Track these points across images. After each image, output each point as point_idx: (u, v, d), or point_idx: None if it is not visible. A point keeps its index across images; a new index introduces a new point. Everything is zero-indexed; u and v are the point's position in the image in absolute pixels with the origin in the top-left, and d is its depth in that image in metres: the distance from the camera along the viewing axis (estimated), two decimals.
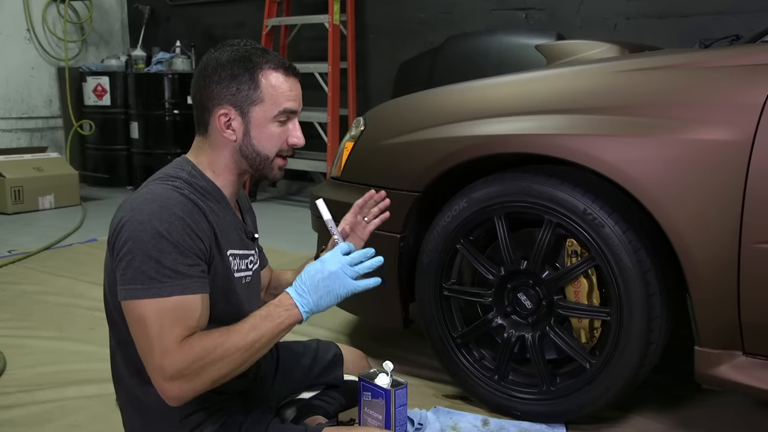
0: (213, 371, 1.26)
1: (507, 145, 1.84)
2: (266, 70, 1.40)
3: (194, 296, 1.28)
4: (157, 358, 1.24)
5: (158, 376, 1.25)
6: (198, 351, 1.24)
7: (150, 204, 1.29)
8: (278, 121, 1.42)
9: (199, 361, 1.24)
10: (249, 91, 1.39)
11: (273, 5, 5.35)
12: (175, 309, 1.25)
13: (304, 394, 1.74)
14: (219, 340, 1.26)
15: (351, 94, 5.15)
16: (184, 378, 1.24)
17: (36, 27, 6.04)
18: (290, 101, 1.42)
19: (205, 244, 1.32)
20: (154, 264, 1.25)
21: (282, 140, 1.44)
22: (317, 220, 2.33)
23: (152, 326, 1.24)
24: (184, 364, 1.23)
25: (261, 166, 1.44)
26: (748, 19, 3.63)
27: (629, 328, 1.72)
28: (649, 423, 1.92)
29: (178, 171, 1.41)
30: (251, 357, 1.30)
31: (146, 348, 1.26)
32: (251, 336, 1.28)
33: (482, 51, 4.27)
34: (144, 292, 1.25)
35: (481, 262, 1.95)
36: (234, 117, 1.40)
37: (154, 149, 5.79)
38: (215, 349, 1.25)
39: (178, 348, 1.24)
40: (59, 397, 2.07)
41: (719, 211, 1.57)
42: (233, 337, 1.27)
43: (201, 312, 1.29)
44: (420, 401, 1.97)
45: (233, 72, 1.39)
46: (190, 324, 1.27)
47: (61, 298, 3.00)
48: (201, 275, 1.30)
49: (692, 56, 1.81)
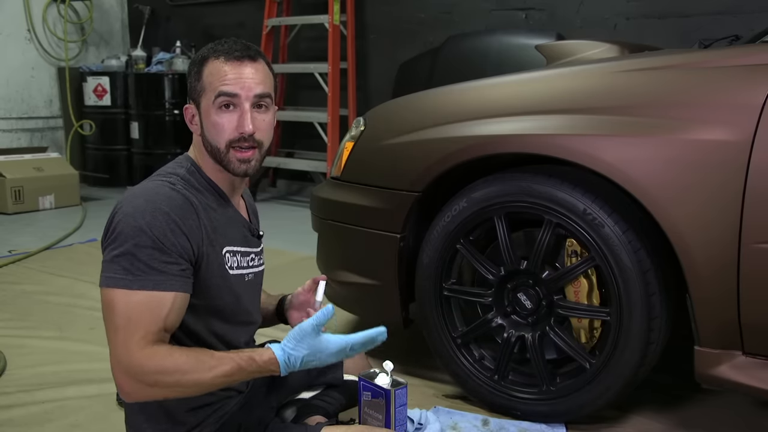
0: (167, 390, 1.26)
1: (507, 145, 1.84)
2: (210, 60, 1.39)
3: (166, 293, 1.27)
4: (118, 349, 1.25)
5: (116, 364, 1.26)
6: (156, 366, 1.24)
7: (138, 198, 1.31)
8: (220, 107, 1.37)
9: (156, 376, 1.24)
10: (196, 83, 1.40)
11: (273, 5, 5.35)
12: (143, 304, 1.25)
13: (304, 394, 1.74)
14: (184, 368, 1.25)
15: (351, 94, 5.15)
16: (139, 381, 1.25)
17: (36, 27, 6.04)
18: (226, 84, 1.36)
19: (191, 241, 1.31)
20: (129, 257, 1.26)
21: (229, 129, 1.37)
22: (317, 220, 2.34)
23: (119, 317, 1.25)
24: (139, 369, 1.24)
25: (219, 158, 1.40)
26: (748, 19, 3.63)
27: (629, 328, 1.72)
28: (649, 423, 1.93)
29: (177, 168, 1.42)
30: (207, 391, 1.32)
31: (111, 337, 1.27)
32: (220, 381, 1.28)
33: (482, 51, 4.27)
34: (115, 282, 1.26)
35: (481, 262, 1.95)
36: (194, 111, 1.43)
37: (154, 149, 5.79)
38: (175, 374, 1.24)
39: (139, 350, 1.24)
40: (59, 397, 2.07)
41: (719, 211, 1.57)
42: (201, 373, 1.26)
43: (171, 311, 1.28)
44: (420, 401, 1.97)
45: (190, 70, 1.43)
46: (156, 322, 1.26)
47: (62, 298, 3.00)
48: (179, 273, 1.29)
49: (692, 56, 1.81)
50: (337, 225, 2.20)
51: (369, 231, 2.08)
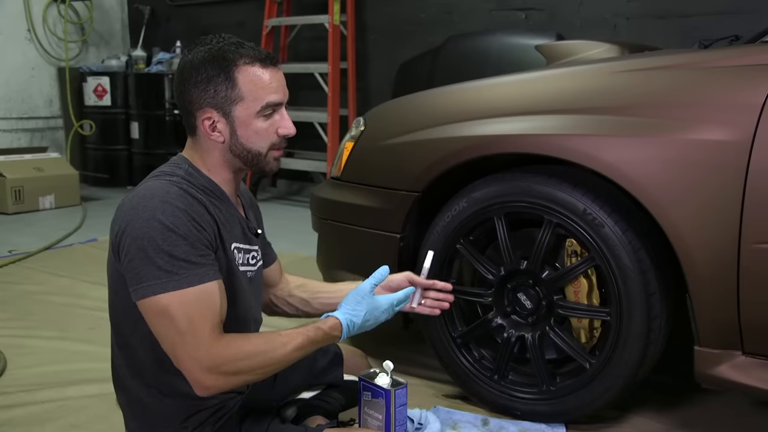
0: (250, 375, 1.31)
1: (507, 145, 1.84)
2: (241, 66, 1.35)
3: (211, 284, 1.29)
4: (191, 351, 1.24)
5: (193, 367, 1.25)
6: (238, 353, 1.27)
7: (151, 200, 1.29)
8: (263, 115, 1.38)
9: (239, 363, 1.27)
10: (227, 92, 1.35)
11: (273, 5, 5.35)
12: (198, 299, 1.26)
13: (304, 394, 1.74)
14: (263, 348, 1.30)
15: (351, 94, 5.14)
16: (221, 373, 1.26)
17: (36, 27, 6.04)
18: (272, 94, 1.37)
19: (209, 234, 1.33)
20: (167, 257, 1.25)
21: (271, 133, 1.40)
22: (317, 220, 2.34)
23: (180, 320, 1.24)
24: (223, 360, 1.25)
25: (254, 161, 1.42)
26: (748, 19, 3.63)
27: (629, 328, 1.72)
28: (649, 423, 1.92)
29: (175, 168, 1.41)
30: (284, 368, 1.37)
31: (177, 342, 1.25)
32: (294, 355, 1.34)
33: (482, 51, 4.26)
34: (163, 286, 1.24)
35: (480, 262, 1.95)
36: (218, 119, 1.37)
37: (154, 149, 5.78)
38: (257, 356, 1.29)
39: (215, 342, 1.25)
40: (60, 396, 2.07)
41: (719, 211, 1.57)
42: (278, 350, 1.32)
43: (220, 298, 1.31)
44: (420, 401, 1.97)
45: (208, 74, 1.35)
46: (216, 312, 1.28)
47: (62, 298, 3.00)
48: (213, 263, 1.32)
49: (692, 56, 1.81)
50: (337, 225, 2.20)
51: (369, 231, 2.08)
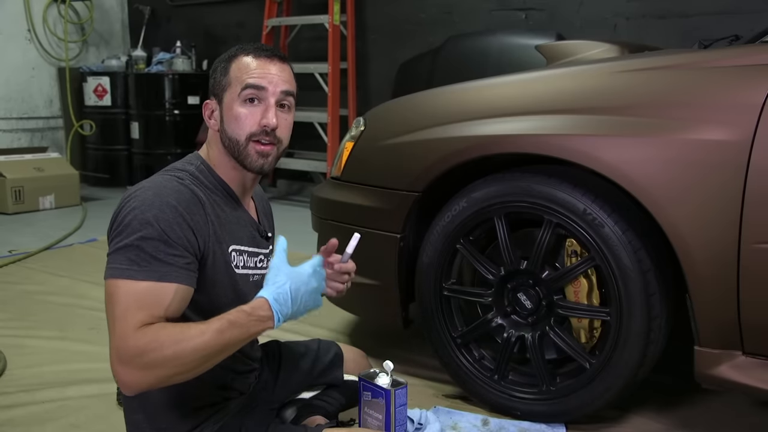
0: (167, 369, 1.19)
1: (507, 145, 1.84)
2: (238, 57, 1.43)
3: (170, 285, 1.26)
4: (115, 339, 1.21)
5: (113, 357, 1.21)
6: (150, 342, 1.18)
7: (147, 191, 1.31)
8: (245, 100, 1.40)
9: (151, 354, 1.18)
10: (221, 78, 1.43)
11: (273, 5, 5.35)
12: (145, 294, 1.24)
13: (304, 394, 1.74)
14: (177, 337, 1.20)
15: (351, 94, 5.15)
16: (135, 366, 1.19)
17: (36, 27, 6.04)
18: (254, 77, 1.39)
19: (197, 236, 1.32)
20: (135, 249, 1.25)
21: (251, 122, 1.39)
22: (317, 220, 2.34)
23: (118, 307, 1.23)
24: (135, 351, 1.19)
25: (236, 152, 1.41)
26: (748, 19, 3.63)
27: (629, 328, 1.72)
28: (649, 423, 1.92)
29: (187, 165, 1.43)
30: (208, 361, 1.23)
31: (110, 328, 1.24)
32: (214, 342, 1.22)
33: (482, 51, 4.26)
34: (120, 272, 1.25)
35: (480, 262, 1.95)
36: (215, 107, 1.45)
37: (154, 149, 5.79)
38: (171, 346, 1.19)
39: (134, 333, 1.20)
40: (60, 396, 2.07)
41: (719, 211, 1.57)
42: (195, 339, 1.20)
43: (173, 302, 1.26)
44: (420, 401, 1.97)
45: (217, 65, 1.46)
46: (157, 312, 1.24)
47: (62, 298, 3.00)
48: (184, 266, 1.28)
49: (692, 56, 1.81)
50: (337, 225, 2.20)
51: (369, 231, 2.08)
